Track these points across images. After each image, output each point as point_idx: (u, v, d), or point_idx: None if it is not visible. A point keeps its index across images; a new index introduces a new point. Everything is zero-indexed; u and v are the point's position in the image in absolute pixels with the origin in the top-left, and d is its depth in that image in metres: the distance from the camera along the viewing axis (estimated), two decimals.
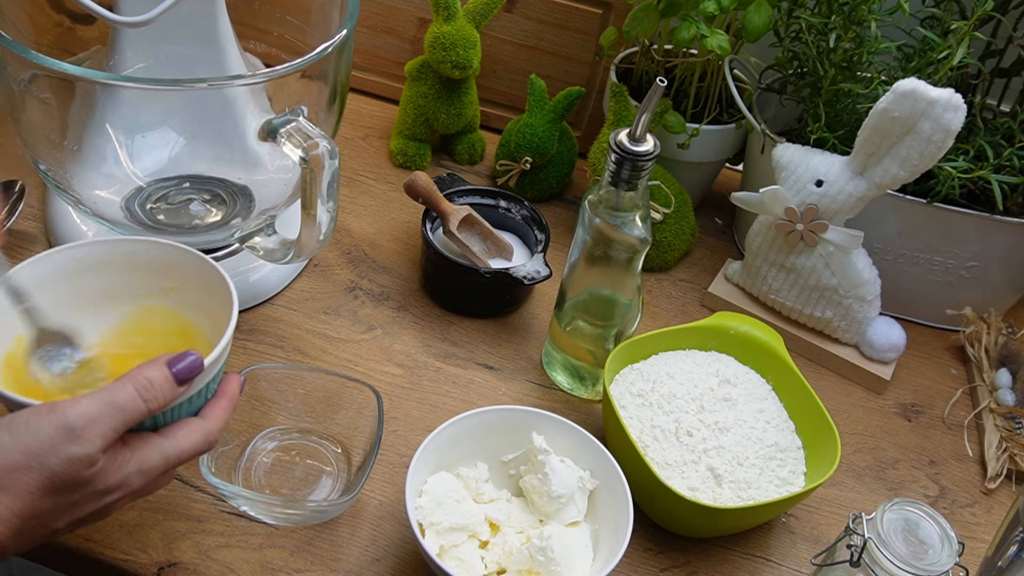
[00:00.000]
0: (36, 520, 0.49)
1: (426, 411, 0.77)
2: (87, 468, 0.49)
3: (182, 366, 0.53)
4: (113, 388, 0.50)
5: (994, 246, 0.87)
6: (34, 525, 0.49)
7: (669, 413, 0.72)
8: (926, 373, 0.90)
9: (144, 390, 0.51)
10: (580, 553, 0.64)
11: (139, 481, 0.52)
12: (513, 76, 1.05)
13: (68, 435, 0.48)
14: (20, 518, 0.48)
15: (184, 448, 0.54)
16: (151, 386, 0.51)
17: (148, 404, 0.51)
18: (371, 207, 0.95)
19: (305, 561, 0.65)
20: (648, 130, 0.67)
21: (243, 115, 0.76)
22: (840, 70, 0.85)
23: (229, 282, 0.61)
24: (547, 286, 0.90)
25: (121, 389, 0.50)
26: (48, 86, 0.65)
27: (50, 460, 0.47)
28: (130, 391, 0.50)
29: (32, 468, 0.47)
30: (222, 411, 0.57)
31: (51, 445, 0.48)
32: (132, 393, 0.50)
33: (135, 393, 0.50)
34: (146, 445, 0.52)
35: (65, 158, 0.71)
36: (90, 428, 0.48)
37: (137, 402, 0.50)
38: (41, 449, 0.47)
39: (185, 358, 0.53)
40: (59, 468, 0.48)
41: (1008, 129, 0.87)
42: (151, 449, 0.52)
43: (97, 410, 0.49)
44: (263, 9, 0.84)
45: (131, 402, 0.50)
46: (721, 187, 1.06)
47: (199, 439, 0.55)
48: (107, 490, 0.51)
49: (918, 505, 0.61)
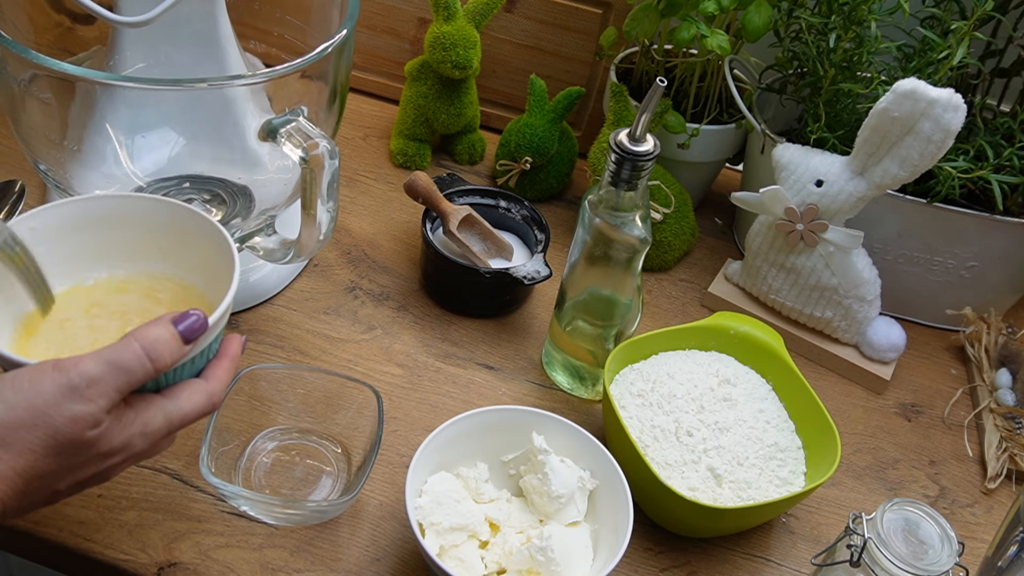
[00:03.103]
0: (39, 480, 0.48)
1: (426, 411, 0.77)
2: (91, 428, 0.48)
3: (187, 324, 0.51)
4: (118, 347, 0.49)
5: (994, 246, 0.87)
6: (36, 486, 0.48)
7: (669, 413, 0.72)
8: (926, 373, 0.90)
9: (150, 349, 0.49)
10: (580, 553, 0.64)
11: (142, 443, 0.51)
12: (513, 76, 1.05)
13: (72, 393, 0.47)
14: (22, 477, 0.47)
15: (188, 410, 0.53)
16: (157, 344, 0.50)
17: (155, 363, 0.49)
18: (371, 207, 0.95)
19: (305, 561, 0.65)
20: (648, 130, 0.67)
21: (243, 115, 0.76)
22: (840, 70, 0.85)
23: (229, 239, 0.60)
24: (547, 286, 0.90)
25: (126, 348, 0.49)
26: (48, 86, 0.65)
27: (54, 418, 0.47)
28: (136, 350, 0.49)
29: (36, 426, 0.46)
30: (224, 372, 0.56)
31: (55, 403, 0.47)
32: (138, 352, 0.49)
33: (141, 352, 0.49)
34: (150, 407, 0.51)
35: (65, 158, 0.71)
36: (94, 387, 0.47)
37: (143, 361, 0.49)
38: (45, 406, 0.47)
39: (189, 316, 0.52)
40: (63, 427, 0.47)
41: (1008, 129, 0.87)
42: (155, 411, 0.51)
43: (101, 369, 0.48)
44: (263, 9, 0.84)
45: (136, 361, 0.49)
46: (721, 187, 1.06)
47: (203, 400, 0.54)
48: (110, 452, 0.50)
49: (918, 505, 0.61)
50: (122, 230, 0.62)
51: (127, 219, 0.62)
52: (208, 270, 0.62)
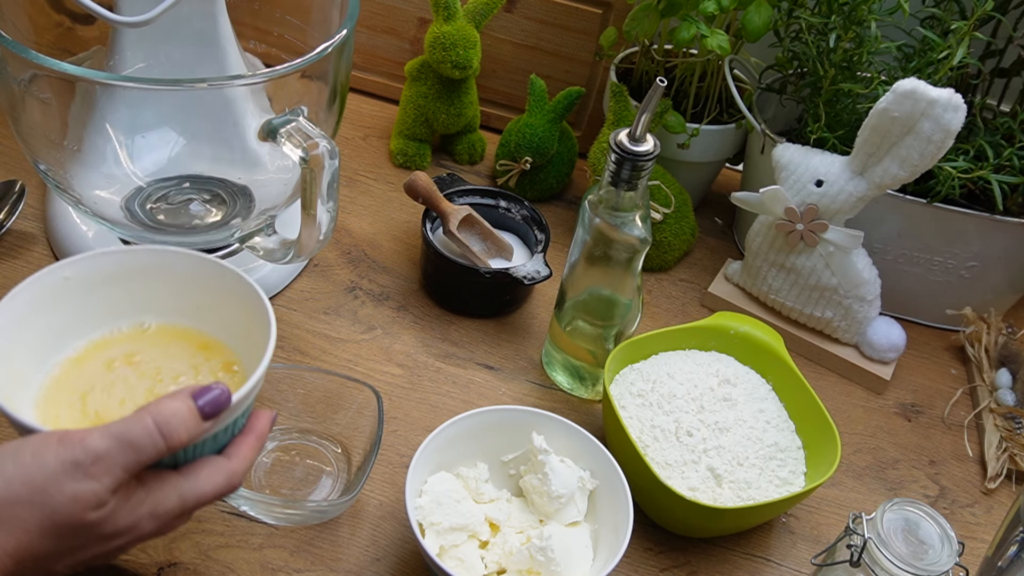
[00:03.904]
0: (33, 562, 0.44)
1: (426, 411, 0.77)
2: (93, 509, 0.44)
3: (208, 399, 0.48)
4: (129, 421, 0.45)
5: (994, 246, 0.87)
6: (30, 567, 0.44)
7: (669, 413, 0.72)
8: (926, 373, 0.90)
9: (164, 425, 0.46)
10: (580, 553, 0.64)
11: (151, 525, 0.47)
12: (513, 76, 1.05)
13: (75, 470, 0.43)
14: (13, 558, 0.43)
15: (205, 491, 0.49)
16: (173, 420, 0.46)
17: (167, 441, 0.46)
18: (371, 207, 0.95)
19: (305, 561, 0.65)
20: (648, 130, 0.67)
21: (243, 115, 0.76)
22: (840, 70, 0.85)
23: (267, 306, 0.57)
24: (547, 286, 0.90)
25: (138, 423, 0.45)
26: (48, 86, 0.65)
27: (54, 497, 0.43)
28: (148, 425, 0.45)
29: (34, 504, 0.43)
30: (250, 449, 0.52)
31: (55, 480, 0.43)
32: (151, 428, 0.45)
33: (154, 428, 0.45)
34: (163, 485, 0.47)
35: (65, 158, 0.71)
36: (99, 464, 0.44)
37: (155, 438, 0.45)
38: (45, 483, 0.43)
39: (211, 391, 0.48)
40: (62, 507, 0.43)
41: (1008, 129, 0.87)
42: (168, 490, 0.47)
43: (108, 445, 0.44)
44: (263, 9, 0.84)
45: (148, 437, 0.45)
46: (721, 187, 1.06)
47: (222, 481, 0.50)
48: (115, 533, 0.46)
49: (918, 505, 0.61)
50: (160, 284, 0.60)
51: (165, 273, 0.60)
52: (244, 334, 0.59)
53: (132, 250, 0.60)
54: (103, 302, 0.59)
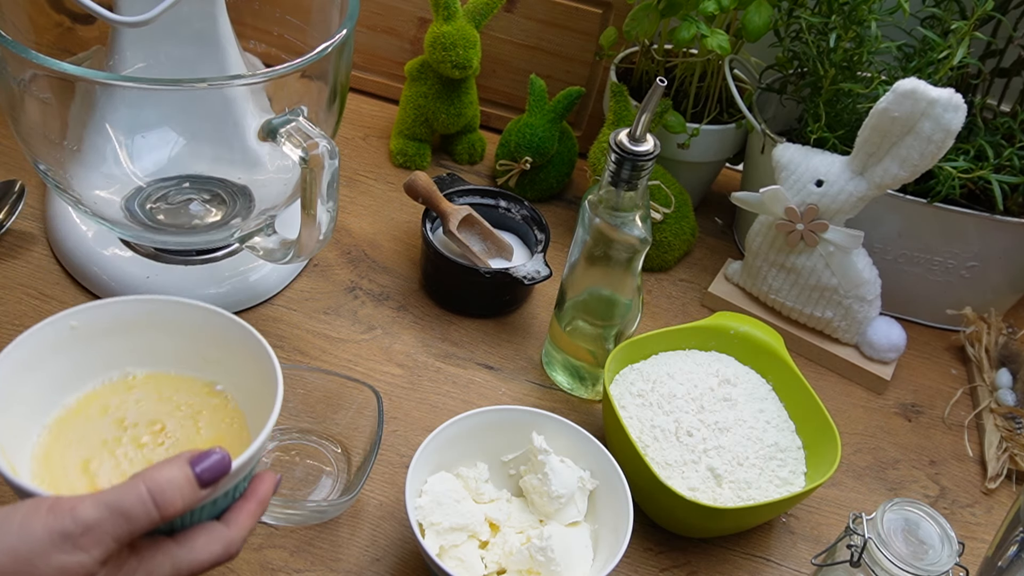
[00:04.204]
0: None
1: (426, 411, 0.77)
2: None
3: (206, 466, 0.46)
4: (122, 490, 0.44)
5: (994, 246, 0.87)
6: None
7: (669, 413, 0.72)
8: (926, 373, 0.90)
9: (158, 494, 0.44)
10: (580, 553, 0.64)
11: None
12: (513, 76, 1.05)
13: (64, 541, 0.42)
14: None
15: (201, 560, 0.47)
16: (168, 489, 0.44)
17: (162, 511, 0.44)
18: (371, 207, 0.95)
19: (305, 561, 0.65)
20: (648, 130, 0.67)
21: (243, 115, 0.76)
22: (840, 70, 0.85)
23: (276, 364, 0.55)
24: (547, 286, 0.90)
25: (132, 491, 0.43)
26: (48, 86, 0.65)
27: (40, 569, 0.41)
28: (141, 494, 0.43)
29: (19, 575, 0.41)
30: (249, 517, 0.50)
31: (42, 551, 0.41)
32: (143, 496, 0.43)
33: (147, 497, 0.43)
34: (157, 553, 0.46)
35: (65, 158, 0.71)
36: (89, 535, 0.42)
37: (149, 507, 0.43)
38: (31, 554, 0.41)
39: (209, 456, 0.46)
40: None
41: (1008, 129, 0.87)
42: (162, 558, 0.46)
43: (99, 515, 0.42)
44: (263, 9, 0.84)
45: (140, 507, 0.43)
46: (721, 187, 1.06)
47: (219, 550, 0.48)
48: None
49: (918, 505, 0.61)
50: (167, 335, 0.59)
51: (173, 324, 0.58)
52: (251, 392, 0.58)
53: (136, 300, 0.58)
54: (106, 351, 0.58)
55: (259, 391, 0.56)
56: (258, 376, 0.56)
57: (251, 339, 0.57)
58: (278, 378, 0.54)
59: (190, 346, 0.59)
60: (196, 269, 0.80)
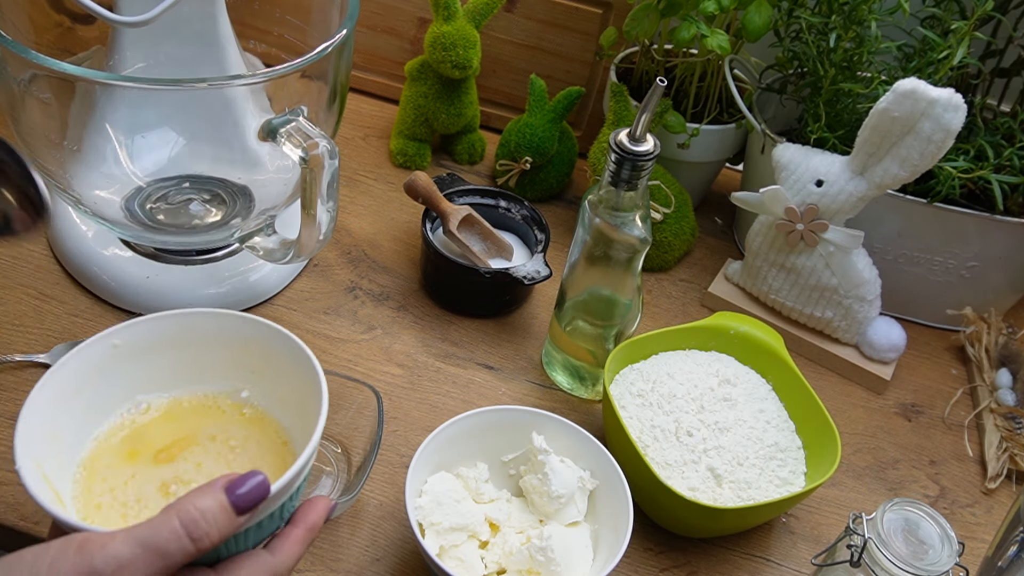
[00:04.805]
0: None
1: (426, 411, 0.77)
2: None
3: (243, 492, 0.43)
4: (155, 524, 0.41)
5: (994, 246, 0.87)
6: None
7: (669, 413, 0.72)
8: (926, 373, 0.90)
9: (192, 526, 0.42)
10: (580, 553, 0.64)
11: None
12: (513, 76, 1.05)
13: None
14: None
15: None
16: (202, 520, 0.42)
17: (196, 544, 0.42)
18: (371, 207, 0.95)
19: (305, 561, 0.65)
20: (648, 130, 0.67)
21: (243, 115, 0.76)
22: (840, 70, 0.85)
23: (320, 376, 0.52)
24: (547, 286, 0.90)
25: (164, 525, 0.41)
26: (48, 86, 0.65)
27: None
28: (174, 528, 0.41)
29: None
30: (296, 544, 0.47)
31: None
32: (177, 531, 0.41)
33: (180, 531, 0.41)
34: None
35: (65, 158, 0.71)
36: (121, 573, 0.40)
37: (183, 542, 0.41)
38: None
39: (247, 481, 0.44)
40: None
41: (1008, 129, 0.87)
42: None
43: (131, 552, 0.40)
44: (263, 9, 0.84)
45: (175, 542, 0.41)
46: (721, 187, 1.06)
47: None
48: None
49: (918, 505, 0.61)
50: (213, 350, 0.57)
51: (217, 338, 0.57)
52: (296, 408, 0.56)
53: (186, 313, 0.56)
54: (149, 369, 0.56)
55: (302, 407, 0.53)
56: (301, 391, 0.54)
57: (299, 352, 0.55)
58: (323, 394, 0.51)
59: (237, 361, 0.57)
60: (196, 269, 0.80)
